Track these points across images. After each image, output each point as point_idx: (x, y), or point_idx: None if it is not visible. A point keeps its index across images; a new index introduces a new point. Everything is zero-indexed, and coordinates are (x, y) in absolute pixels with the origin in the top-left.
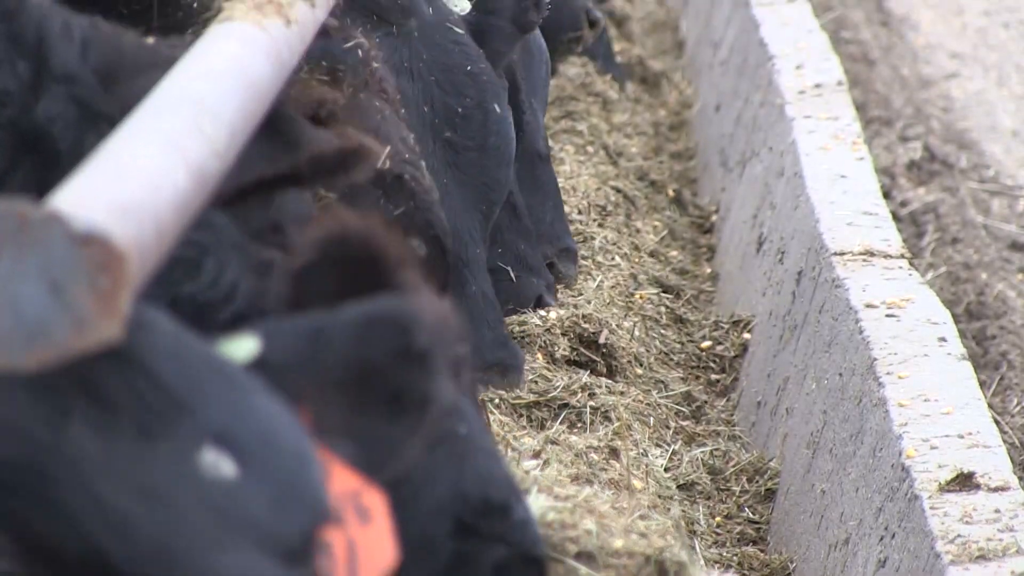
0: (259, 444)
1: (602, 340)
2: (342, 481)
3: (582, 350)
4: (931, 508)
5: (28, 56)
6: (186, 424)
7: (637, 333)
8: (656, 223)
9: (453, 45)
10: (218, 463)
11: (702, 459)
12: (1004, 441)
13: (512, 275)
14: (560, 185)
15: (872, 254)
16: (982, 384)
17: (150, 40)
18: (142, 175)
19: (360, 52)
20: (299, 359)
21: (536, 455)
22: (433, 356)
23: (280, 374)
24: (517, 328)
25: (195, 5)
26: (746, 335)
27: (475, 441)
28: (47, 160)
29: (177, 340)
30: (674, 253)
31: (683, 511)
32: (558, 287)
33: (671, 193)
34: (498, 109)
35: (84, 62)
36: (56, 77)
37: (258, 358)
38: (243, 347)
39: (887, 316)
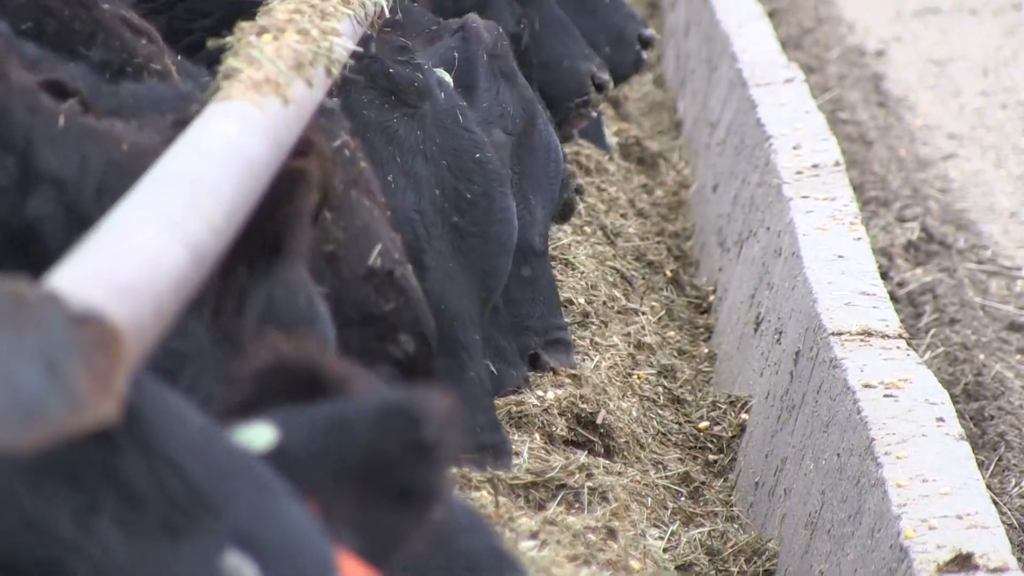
0: (282, 550)
1: (600, 420)
2: (351, 574)
3: (580, 430)
4: None
5: (14, 152)
6: (211, 524)
7: (635, 413)
8: (654, 303)
9: (463, 131)
10: (240, 568)
11: (700, 540)
12: (1003, 522)
13: (491, 366)
14: (556, 264)
15: (870, 334)
16: (980, 465)
17: (147, 135)
18: (140, 254)
19: (347, 151)
20: (315, 449)
21: (534, 536)
22: (441, 450)
23: (295, 464)
24: (515, 408)
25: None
26: (744, 415)
27: (456, 520)
28: (36, 259)
29: (204, 434)
30: (672, 333)
31: None
32: (556, 368)
33: (669, 273)
34: (502, 198)
35: (75, 166)
36: (44, 177)
37: (275, 447)
38: (260, 436)
39: (885, 396)
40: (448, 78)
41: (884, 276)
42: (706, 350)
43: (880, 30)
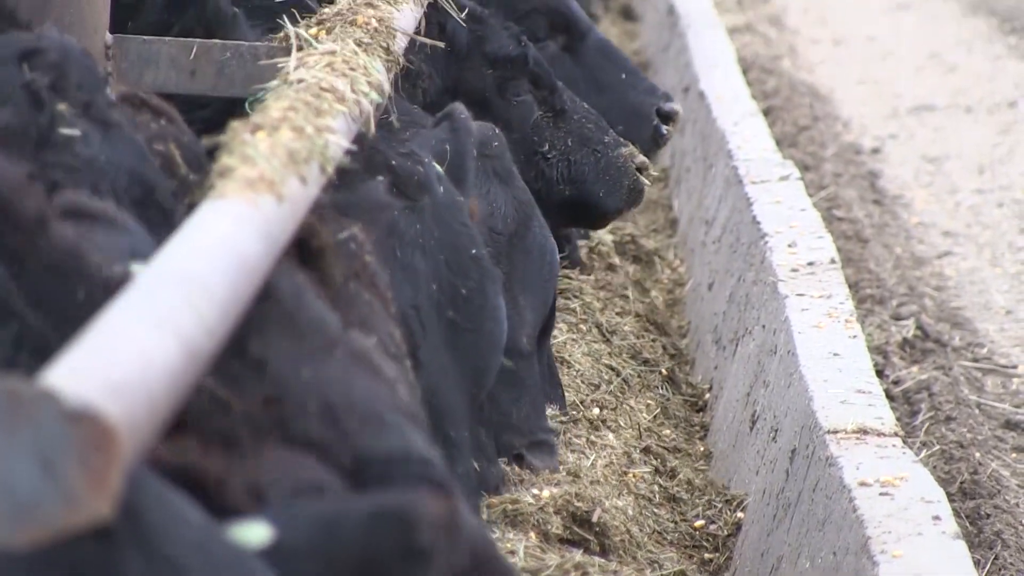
0: None
1: (595, 519)
2: None
3: (575, 529)
4: None
5: None
6: None
7: (631, 512)
8: (649, 401)
9: (461, 227)
10: None
11: None
12: None
13: (475, 464)
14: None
15: (866, 432)
16: (977, 564)
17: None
18: (134, 352)
19: (353, 244)
20: (310, 547)
21: None
22: (434, 555)
23: (290, 561)
24: (510, 506)
25: (190, 177)
26: (739, 514)
27: None
28: None
29: (203, 531)
30: (667, 431)
31: None
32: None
33: (664, 371)
34: (495, 296)
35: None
36: None
37: (270, 545)
38: (255, 533)
39: (881, 495)
40: (440, 171)
41: (880, 374)
42: (702, 448)
43: (876, 128)
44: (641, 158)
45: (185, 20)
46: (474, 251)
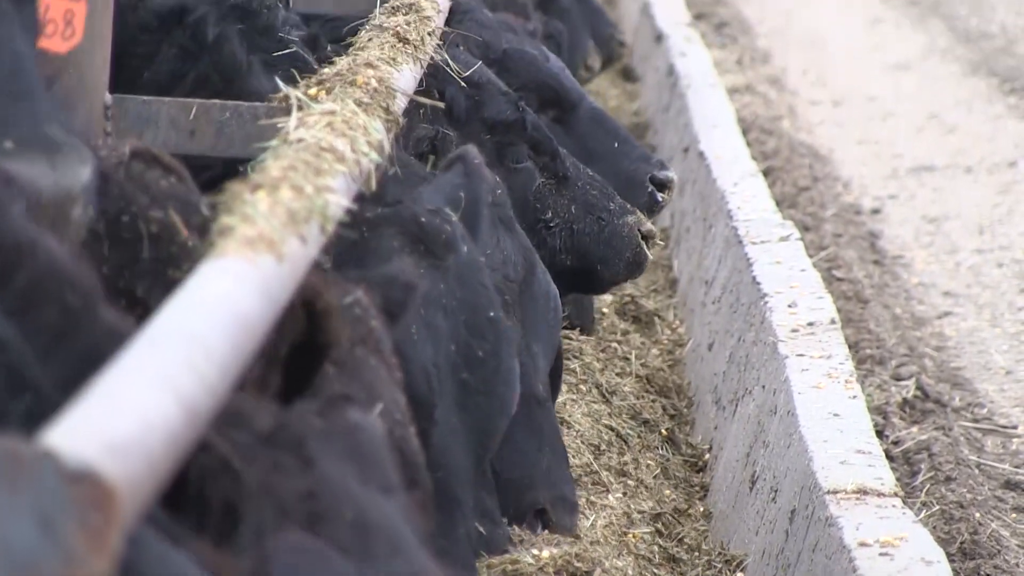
0: None
1: None
2: None
3: None
4: None
5: None
6: None
7: (631, 572)
8: (649, 462)
9: (481, 287)
10: None
11: None
12: None
13: (480, 527)
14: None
15: (866, 492)
16: None
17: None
18: (134, 411)
19: (358, 309)
20: None
21: None
22: None
23: None
24: (510, 567)
25: (190, 243)
26: (739, 574)
27: None
28: None
29: None
30: (667, 492)
31: None
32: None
33: (664, 432)
34: (510, 359)
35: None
36: None
37: None
38: None
39: (881, 555)
40: (464, 230)
41: (880, 434)
42: (702, 508)
43: (875, 188)
44: (648, 226)
45: (200, 68)
46: (492, 313)
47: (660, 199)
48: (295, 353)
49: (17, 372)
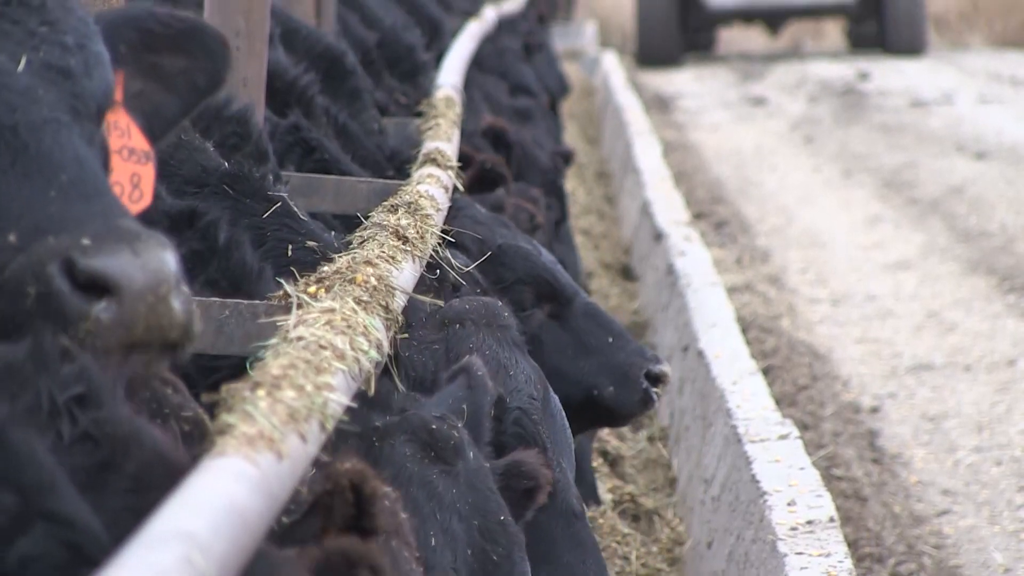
0: None
1: None
2: None
3: None
4: None
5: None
6: None
7: None
8: None
9: (490, 492)
10: None
11: None
12: None
13: None
14: None
15: None
16: None
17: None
18: None
19: (388, 501)
20: None
21: None
22: None
23: None
24: None
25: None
26: None
27: None
28: None
29: None
30: None
31: None
32: None
33: None
34: (522, 562)
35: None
36: (44, 513)
37: None
38: None
39: None
40: (460, 425)
41: None
42: None
43: (875, 387)
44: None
45: (209, 273)
46: (503, 517)
47: (655, 394)
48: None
49: None
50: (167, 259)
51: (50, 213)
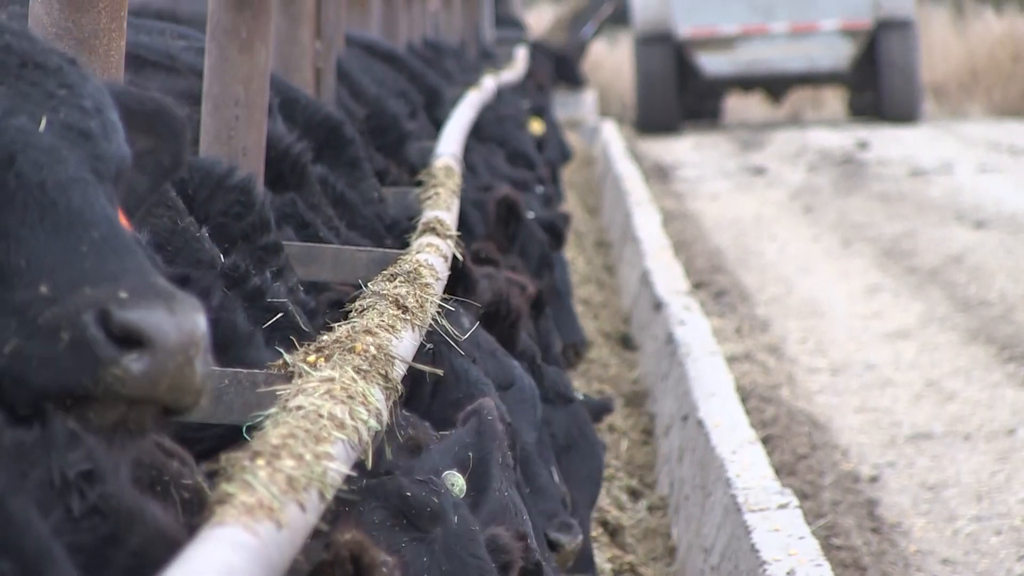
0: None
1: None
2: None
3: None
4: None
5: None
6: None
7: None
8: None
9: (471, 558)
10: None
11: None
12: None
13: None
14: None
15: None
16: None
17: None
18: None
19: (387, 570)
20: None
21: None
22: None
23: None
24: None
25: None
26: None
27: None
28: None
29: None
30: None
31: None
32: None
33: None
34: None
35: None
36: None
37: None
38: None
39: None
40: (461, 482)
41: None
42: None
43: (874, 456)
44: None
45: None
46: None
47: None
48: None
49: None
50: (200, 322)
51: (84, 267)
